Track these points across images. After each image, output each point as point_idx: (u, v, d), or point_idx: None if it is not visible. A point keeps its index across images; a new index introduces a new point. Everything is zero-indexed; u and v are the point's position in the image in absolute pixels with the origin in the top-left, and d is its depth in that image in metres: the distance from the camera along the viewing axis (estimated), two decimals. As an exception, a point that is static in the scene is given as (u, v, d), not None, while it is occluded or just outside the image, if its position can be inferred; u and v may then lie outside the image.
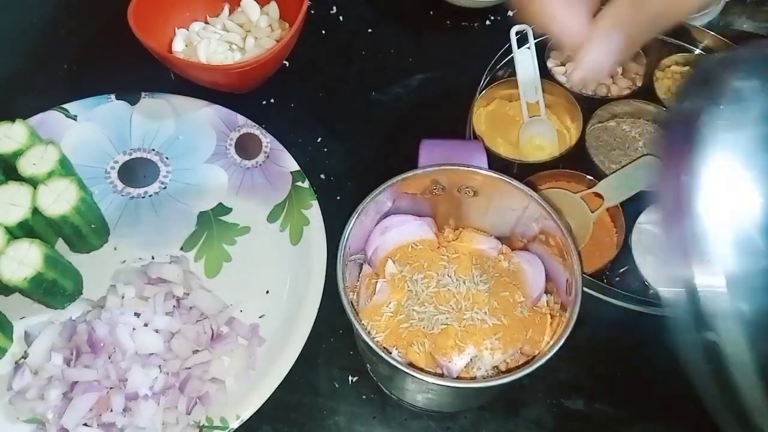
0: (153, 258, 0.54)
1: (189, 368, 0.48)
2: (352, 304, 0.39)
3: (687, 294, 0.27)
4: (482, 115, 0.60)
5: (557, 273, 0.43)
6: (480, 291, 0.43)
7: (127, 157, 0.59)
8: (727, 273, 0.27)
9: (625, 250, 0.51)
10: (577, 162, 0.56)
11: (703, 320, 0.27)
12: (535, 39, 0.57)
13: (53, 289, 0.49)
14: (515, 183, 0.42)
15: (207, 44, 0.60)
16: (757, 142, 0.28)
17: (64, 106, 0.59)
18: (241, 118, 0.60)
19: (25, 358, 0.49)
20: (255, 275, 0.54)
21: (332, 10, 0.68)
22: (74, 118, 0.59)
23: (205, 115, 0.60)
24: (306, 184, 0.57)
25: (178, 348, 0.48)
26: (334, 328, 0.52)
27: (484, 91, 0.58)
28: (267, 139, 0.59)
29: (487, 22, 0.68)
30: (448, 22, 0.68)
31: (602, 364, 0.51)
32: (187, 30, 0.62)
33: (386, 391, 0.49)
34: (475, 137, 0.56)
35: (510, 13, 0.68)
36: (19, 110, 0.57)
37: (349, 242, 0.41)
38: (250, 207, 0.57)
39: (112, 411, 0.46)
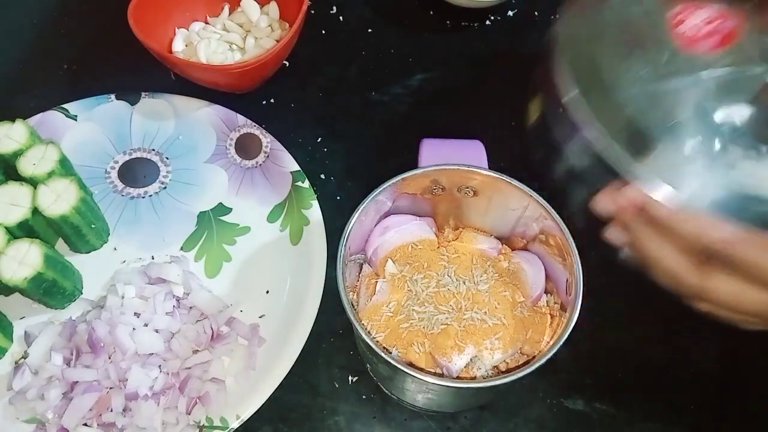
0: (153, 258, 0.54)
1: (189, 368, 0.48)
2: (352, 304, 0.39)
3: None
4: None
5: (557, 273, 0.43)
6: (480, 291, 0.43)
7: (127, 157, 0.59)
8: None
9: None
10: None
11: None
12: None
13: (53, 289, 0.49)
14: (515, 183, 0.42)
15: (207, 44, 0.60)
16: None
17: (64, 106, 0.59)
18: (241, 118, 0.60)
19: (25, 358, 0.49)
20: (255, 275, 0.54)
21: (332, 10, 0.68)
22: (74, 118, 0.59)
23: (205, 115, 0.60)
24: (306, 184, 0.57)
25: (178, 348, 0.48)
26: (334, 328, 0.52)
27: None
28: (267, 139, 0.59)
29: (487, 22, 0.68)
30: (448, 22, 0.68)
31: (602, 364, 0.51)
32: (187, 30, 0.62)
33: (386, 391, 0.49)
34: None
35: (510, 13, 0.68)
36: (19, 110, 0.57)
37: (349, 242, 0.41)
38: (250, 207, 0.57)
39: (112, 411, 0.46)
